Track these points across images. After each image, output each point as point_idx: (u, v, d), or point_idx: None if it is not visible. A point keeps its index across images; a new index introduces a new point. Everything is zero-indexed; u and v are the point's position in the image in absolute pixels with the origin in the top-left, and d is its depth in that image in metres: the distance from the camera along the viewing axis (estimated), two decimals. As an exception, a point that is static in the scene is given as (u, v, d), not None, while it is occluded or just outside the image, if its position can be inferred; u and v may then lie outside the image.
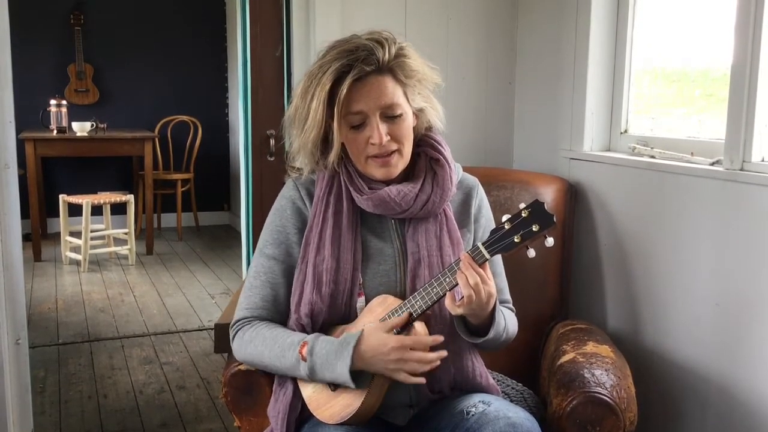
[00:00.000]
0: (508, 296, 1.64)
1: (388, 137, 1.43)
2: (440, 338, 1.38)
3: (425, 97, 1.49)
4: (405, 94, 1.45)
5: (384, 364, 1.36)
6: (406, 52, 1.44)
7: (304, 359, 1.41)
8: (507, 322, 1.52)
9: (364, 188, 1.49)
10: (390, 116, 1.43)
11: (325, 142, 1.48)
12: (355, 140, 1.45)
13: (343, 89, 1.38)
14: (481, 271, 1.35)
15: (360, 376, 1.39)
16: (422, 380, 1.37)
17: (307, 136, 1.45)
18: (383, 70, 1.41)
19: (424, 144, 1.53)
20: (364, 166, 1.48)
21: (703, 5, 2.05)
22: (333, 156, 1.47)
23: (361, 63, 1.38)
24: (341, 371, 1.37)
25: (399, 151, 1.46)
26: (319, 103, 1.40)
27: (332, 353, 1.38)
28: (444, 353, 1.38)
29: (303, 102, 1.44)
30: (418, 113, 1.50)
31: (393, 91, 1.42)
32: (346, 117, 1.42)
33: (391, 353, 1.35)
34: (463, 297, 1.36)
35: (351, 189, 1.50)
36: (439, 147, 1.53)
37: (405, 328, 1.40)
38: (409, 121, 1.46)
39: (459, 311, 1.38)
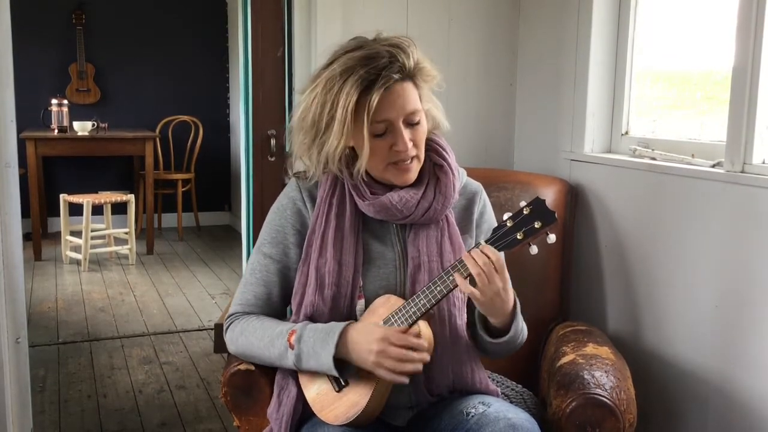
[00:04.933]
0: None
1: (411, 143, 1.43)
2: (424, 344, 1.36)
3: (428, 96, 1.50)
4: (420, 97, 1.45)
5: (366, 354, 1.35)
6: (421, 56, 1.44)
7: (292, 347, 1.41)
8: (522, 324, 1.53)
9: (366, 193, 1.49)
10: (411, 123, 1.43)
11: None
12: (378, 147, 1.43)
13: (374, 99, 1.36)
14: (495, 255, 1.34)
15: (346, 369, 1.39)
16: (404, 380, 1.35)
17: (332, 145, 1.41)
18: (407, 77, 1.41)
19: (429, 149, 1.53)
20: (383, 172, 1.47)
21: (705, 7, 2.05)
22: (363, 164, 1.44)
23: (388, 71, 1.36)
24: (325, 359, 1.37)
25: (417, 156, 1.46)
26: (346, 113, 1.37)
27: (320, 340, 1.39)
28: (427, 357, 1.36)
29: (322, 109, 1.40)
30: (426, 113, 1.50)
31: (414, 97, 1.43)
32: (371, 125, 1.40)
33: (373, 344, 1.35)
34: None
35: (354, 194, 1.50)
36: (444, 153, 1.53)
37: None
38: (425, 125, 1.47)
39: (470, 289, 1.35)
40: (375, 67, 1.36)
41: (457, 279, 1.36)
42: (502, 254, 1.37)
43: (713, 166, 1.83)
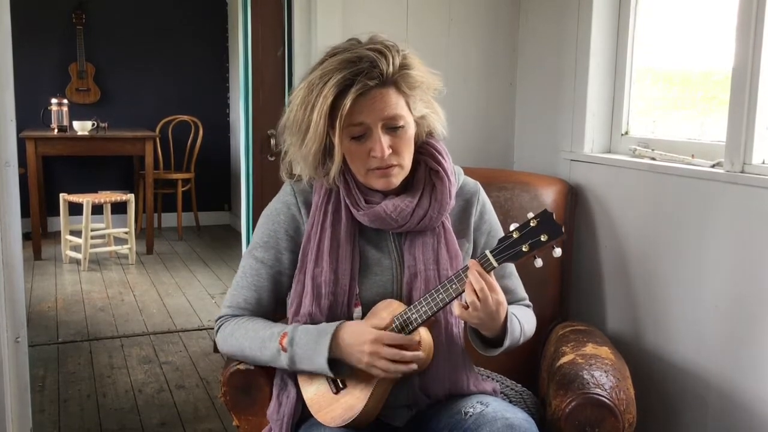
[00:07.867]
0: (523, 294, 1.64)
1: (390, 150, 1.40)
2: (415, 340, 1.36)
3: (427, 103, 1.46)
4: (407, 104, 1.42)
5: (359, 355, 1.35)
6: (409, 62, 1.40)
7: (285, 350, 1.42)
8: (523, 324, 1.51)
9: (360, 202, 1.47)
10: (392, 127, 1.40)
11: (325, 153, 1.45)
12: (357, 151, 1.42)
13: (347, 103, 1.34)
14: (488, 277, 1.33)
15: (340, 366, 1.39)
16: (398, 375, 1.36)
17: (308, 148, 1.42)
18: (387, 83, 1.38)
19: (425, 153, 1.50)
20: (365, 177, 1.45)
21: (705, 7, 2.05)
22: (335, 168, 1.44)
23: (365, 77, 1.34)
24: (319, 361, 1.37)
25: (399, 164, 1.44)
26: (321, 116, 1.36)
27: (312, 342, 1.39)
28: (421, 355, 1.36)
29: (303, 112, 1.40)
30: (420, 120, 1.46)
31: (396, 102, 1.39)
32: (348, 128, 1.39)
33: (365, 345, 1.34)
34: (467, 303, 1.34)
35: (348, 202, 1.48)
36: (440, 158, 1.50)
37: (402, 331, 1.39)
38: (410, 132, 1.44)
39: (465, 317, 1.36)
40: (352, 71, 1.35)
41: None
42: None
43: (713, 166, 1.83)
